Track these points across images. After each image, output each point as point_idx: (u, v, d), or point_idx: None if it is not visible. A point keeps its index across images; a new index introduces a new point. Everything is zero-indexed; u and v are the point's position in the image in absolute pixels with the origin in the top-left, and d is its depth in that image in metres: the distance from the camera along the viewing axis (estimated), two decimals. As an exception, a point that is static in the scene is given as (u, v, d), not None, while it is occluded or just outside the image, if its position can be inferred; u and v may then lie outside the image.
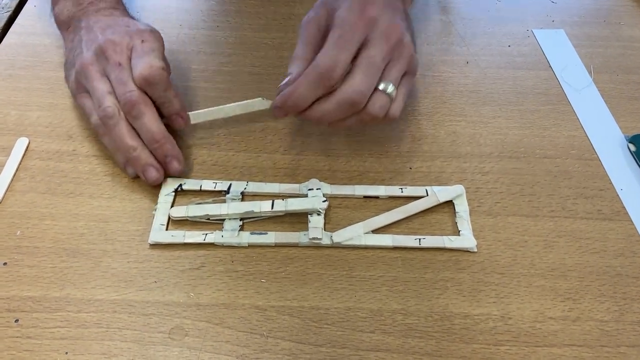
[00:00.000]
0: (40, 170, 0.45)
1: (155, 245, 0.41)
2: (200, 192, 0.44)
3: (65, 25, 0.50)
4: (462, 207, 0.43)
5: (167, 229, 0.41)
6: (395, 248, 0.41)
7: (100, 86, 0.43)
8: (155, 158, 0.43)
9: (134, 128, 0.42)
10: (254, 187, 0.44)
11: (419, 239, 0.41)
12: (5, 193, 0.43)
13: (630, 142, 0.50)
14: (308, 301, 0.38)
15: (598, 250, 0.42)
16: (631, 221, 0.44)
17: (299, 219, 0.43)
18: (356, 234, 0.41)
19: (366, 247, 0.41)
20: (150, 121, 0.42)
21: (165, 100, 0.44)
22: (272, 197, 0.43)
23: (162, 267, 0.40)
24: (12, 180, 0.44)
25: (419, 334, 0.37)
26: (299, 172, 0.47)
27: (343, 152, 0.49)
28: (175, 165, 0.43)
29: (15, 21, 0.59)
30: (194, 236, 0.41)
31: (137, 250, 0.41)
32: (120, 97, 0.42)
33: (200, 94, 0.53)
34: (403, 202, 0.44)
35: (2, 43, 0.56)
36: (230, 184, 0.44)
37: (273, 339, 0.36)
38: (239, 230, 0.41)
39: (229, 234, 0.41)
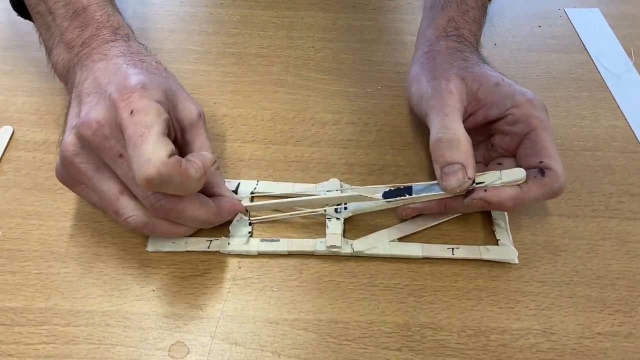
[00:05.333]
0: (26, 162, 0.41)
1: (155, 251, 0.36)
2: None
3: (64, 80, 0.38)
4: (500, 214, 0.39)
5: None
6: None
7: (105, 188, 0.32)
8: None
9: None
10: (264, 186, 0.40)
11: (452, 249, 0.37)
12: (-14, 188, 0.39)
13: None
14: (325, 313, 0.34)
15: (648, 256, 0.38)
16: (684, 222, 0.40)
17: (314, 224, 0.38)
18: (380, 242, 0.36)
19: (390, 259, 0.37)
20: (194, 210, 0.33)
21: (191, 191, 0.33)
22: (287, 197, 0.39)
23: (162, 274, 0.35)
24: (-6, 174, 0.40)
25: (452, 351, 0.33)
26: (313, 165, 0.42)
27: (361, 144, 0.44)
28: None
29: (1, -3, 0.54)
30: (197, 243, 0.36)
31: (133, 254, 0.36)
32: (145, 205, 0.32)
33: (201, 78, 0.48)
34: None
35: (-15, 21, 0.52)
36: (239, 184, 0.39)
37: (286, 358, 0.32)
38: (248, 237, 0.36)
39: (236, 241, 0.36)
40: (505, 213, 0.39)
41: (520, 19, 0.57)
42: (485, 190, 0.34)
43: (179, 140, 0.36)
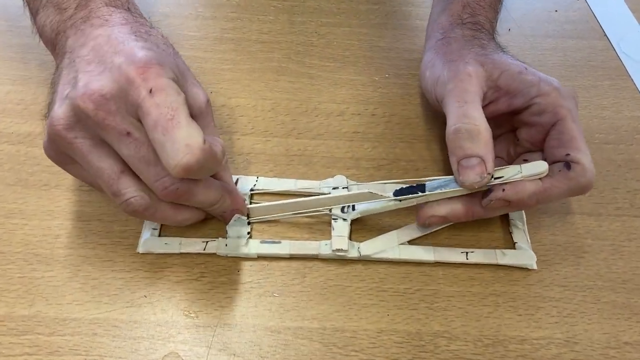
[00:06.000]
0: (9, 156, 0.38)
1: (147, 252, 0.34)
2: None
3: (51, 44, 0.34)
4: (518, 214, 0.36)
5: (160, 234, 0.34)
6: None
7: (104, 165, 0.29)
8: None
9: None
10: (265, 183, 0.37)
11: (466, 253, 0.34)
12: (-34, 185, 0.36)
13: None
14: (330, 321, 0.32)
15: (678, 258, 0.35)
16: None
17: (318, 223, 0.36)
18: (389, 245, 0.34)
19: (400, 262, 0.34)
20: (205, 194, 0.31)
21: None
22: (291, 195, 0.36)
23: (154, 278, 0.33)
24: (-26, 169, 0.37)
25: (467, 363, 0.30)
26: (316, 160, 0.39)
27: (368, 136, 0.41)
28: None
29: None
30: (192, 244, 0.34)
31: (123, 256, 0.34)
32: (154, 188, 0.29)
33: (197, 65, 0.45)
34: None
35: (-32, 4, 0.49)
36: (237, 180, 0.37)
37: (289, 370, 0.30)
38: (247, 238, 0.34)
39: (234, 243, 0.33)
40: (523, 213, 0.36)
41: (536, 3, 0.54)
42: (504, 190, 0.31)
43: None
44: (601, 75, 0.47)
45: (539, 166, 0.31)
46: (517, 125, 0.35)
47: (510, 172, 0.31)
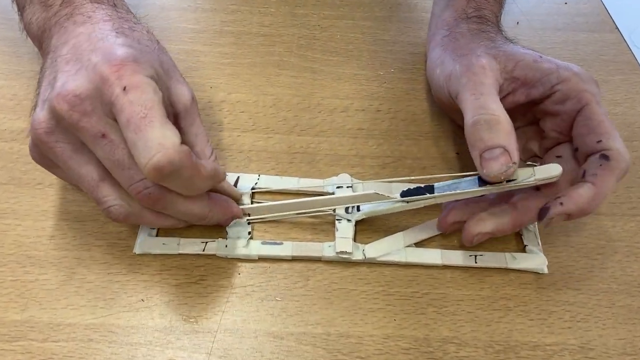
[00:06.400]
0: (2, 154, 0.37)
1: (144, 253, 0.32)
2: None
3: (38, 42, 0.33)
4: None
5: (157, 234, 0.33)
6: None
7: (83, 172, 0.28)
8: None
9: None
10: (266, 181, 0.36)
11: (475, 256, 0.33)
12: (-44, 184, 0.35)
13: None
14: (335, 326, 0.30)
15: (695, 260, 0.34)
16: None
17: (322, 223, 0.34)
18: (395, 247, 0.33)
19: (407, 265, 0.33)
20: (185, 203, 0.29)
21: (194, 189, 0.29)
22: (293, 194, 0.35)
23: (152, 281, 0.32)
24: (-35, 167, 0.36)
25: (478, 370, 0.29)
26: (319, 157, 0.38)
27: (373, 133, 0.40)
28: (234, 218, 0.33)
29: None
30: (191, 245, 0.32)
31: (120, 258, 0.32)
32: (131, 191, 0.28)
33: (196, 59, 0.44)
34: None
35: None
36: (238, 178, 0.35)
37: (292, 378, 0.29)
38: (248, 239, 0.33)
39: (234, 244, 0.32)
40: None
41: (545, -5, 0.52)
42: (562, 204, 0.29)
43: None
44: (613, 69, 0.45)
45: (552, 169, 0.30)
46: (540, 116, 0.34)
47: (523, 175, 0.30)
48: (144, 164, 0.25)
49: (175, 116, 0.31)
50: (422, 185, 0.31)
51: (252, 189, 0.35)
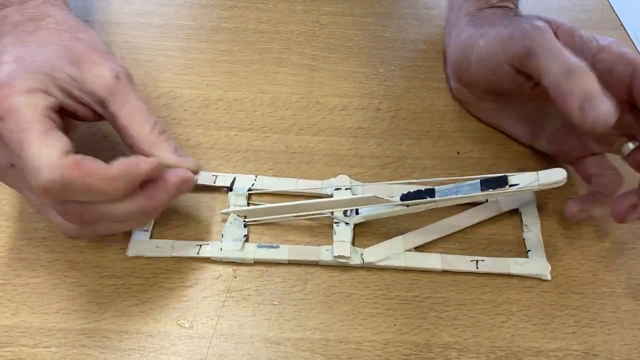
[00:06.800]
0: (-7, 153, 0.36)
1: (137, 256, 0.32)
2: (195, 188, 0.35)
3: None
4: (532, 218, 0.34)
5: (151, 237, 0.32)
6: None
7: (26, 196, 0.29)
8: None
9: None
10: (264, 182, 0.35)
11: (476, 261, 0.32)
12: (-54, 184, 0.34)
13: None
14: (334, 332, 0.30)
15: (701, 263, 0.33)
16: None
17: (320, 225, 0.34)
18: (394, 252, 0.32)
19: (407, 269, 0.32)
20: (116, 206, 0.26)
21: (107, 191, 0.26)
22: (291, 196, 0.34)
23: (146, 285, 0.31)
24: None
25: (480, 377, 0.29)
26: (318, 157, 0.37)
27: (373, 132, 0.39)
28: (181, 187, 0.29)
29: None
30: (185, 248, 0.32)
31: (113, 261, 0.32)
32: (44, 214, 0.29)
33: (192, 56, 0.43)
34: (459, 209, 0.34)
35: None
36: (234, 179, 0.34)
37: (289, 385, 0.28)
38: (244, 242, 0.32)
39: (229, 246, 0.31)
40: (537, 216, 0.34)
41: (548, -9, 0.51)
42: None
43: (106, 117, 0.29)
44: (617, 67, 0.45)
45: (556, 174, 0.29)
46: None
47: (527, 180, 0.29)
48: (34, 189, 0.25)
49: (102, 104, 0.28)
50: (423, 189, 0.30)
51: (249, 190, 0.34)
